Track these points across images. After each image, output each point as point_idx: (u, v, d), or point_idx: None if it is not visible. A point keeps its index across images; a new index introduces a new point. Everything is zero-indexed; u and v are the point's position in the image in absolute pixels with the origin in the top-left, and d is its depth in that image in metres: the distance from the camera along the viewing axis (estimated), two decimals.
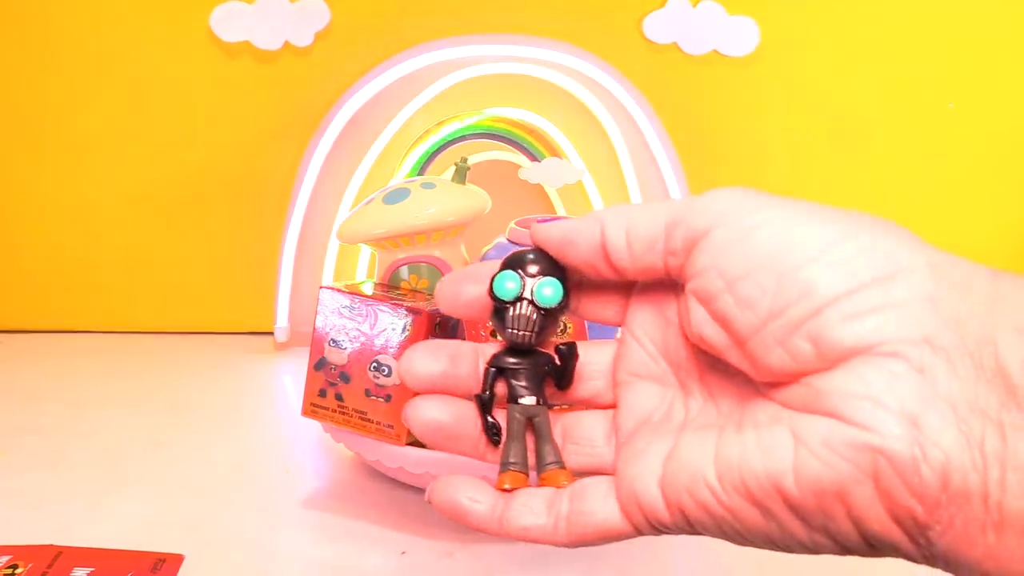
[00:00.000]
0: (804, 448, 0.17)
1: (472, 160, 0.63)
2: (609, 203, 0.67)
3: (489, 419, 0.22)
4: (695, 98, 0.68)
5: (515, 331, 0.22)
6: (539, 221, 0.23)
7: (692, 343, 0.21)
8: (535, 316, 0.22)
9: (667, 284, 0.23)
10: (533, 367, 0.22)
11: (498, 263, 0.23)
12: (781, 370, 0.18)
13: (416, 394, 0.22)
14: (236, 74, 0.66)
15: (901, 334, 0.16)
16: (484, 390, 0.22)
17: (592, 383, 0.23)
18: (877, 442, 0.16)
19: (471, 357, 0.23)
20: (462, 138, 0.62)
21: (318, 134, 0.65)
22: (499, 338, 0.23)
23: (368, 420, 0.42)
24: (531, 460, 0.22)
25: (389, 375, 0.41)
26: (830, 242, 0.17)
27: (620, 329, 0.24)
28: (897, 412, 0.16)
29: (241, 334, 0.69)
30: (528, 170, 0.62)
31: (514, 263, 0.22)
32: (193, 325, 0.70)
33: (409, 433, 0.42)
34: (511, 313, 0.22)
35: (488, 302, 0.22)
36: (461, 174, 0.49)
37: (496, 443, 0.22)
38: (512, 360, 0.22)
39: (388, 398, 0.41)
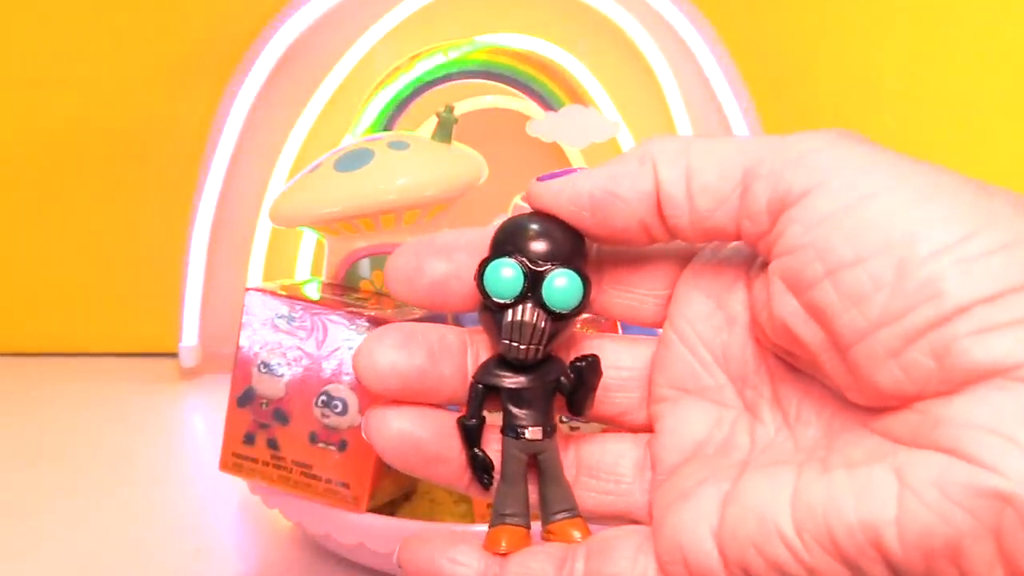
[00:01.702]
0: (911, 493, 0.18)
1: (460, 109, 0.64)
2: None
3: (476, 453, 0.23)
4: (776, 23, 0.68)
5: (515, 344, 0.22)
6: (541, 178, 0.23)
7: (766, 347, 0.22)
8: (544, 324, 0.22)
9: (731, 262, 0.23)
10: (538, 386, 0.22)
11: (483, 233, 0.23)
12: (891, 390, 0.18)
13: (380, 399, 0.23)
14: None
15: None
16: (470, 415, 0.23)
17: (620, 396, 0.24)
18: (1006, 488, 0.17)
19: (458, 350, 0.23)
20: (446, 78, 0.62)
21: (240, 74, 0.66)
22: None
23: (314, 477, 0.42)
24: (533, 503, 0.23)
25: (343, 412, 0.42)
26: (966, 231, 0.18)
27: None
28: None
29: (132, 356, 0.70)
30: (540, 123, 0.61)
31: (512, 242, 0.22)
32: (63, 344, 0.70)
33: (373, 494, 0.42)
34: (510, 319, 0.22)
35: (469, 287, 0.23)
36: (445, 129, 0.49)
37: (486, 486, 0.23)
38: (509, 378, 0.22)
39: (342, 446, 0.42)
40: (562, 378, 0.23)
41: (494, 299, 0.22)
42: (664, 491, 0.22)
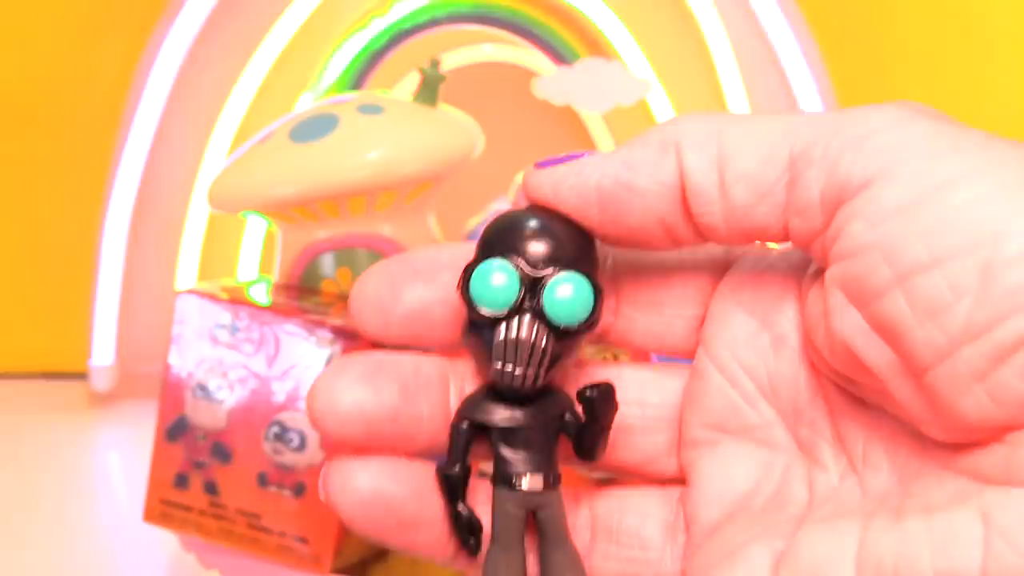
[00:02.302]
0: (1000, 540, 0.18)
1: (448, 64, 0.63)
2: None
3: (460, 511, 0.23)
4: None
5: (509, 368, 0.22)
6: (540, 164, 0.23)
7: (823, 373, 0.22)
8: (545, 342, 0.22)
9: (777, 271, 0.23)
10: (538, 423, 0.23)
11: (471, 247, 0.23)
12: (977, 420, 0.19)
13: (341, 449, 0.23)
14: None
15: None
16: (451, 463, 0.23)
17: (643, 440, 0.24)
18: None
19: (438, 383, 0.23)
20: (431, 23, 0.62)
21: (167, 19, 0.66)
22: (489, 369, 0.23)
23: (263, 530, 0.42)
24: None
25: (301, 448, 0.42)
26: None
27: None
28: None
29: (29, 377, 0.70)
30: (549, 81, 0.61)
31: (504, 241, 0.22)
32: None
33: (338, 551, 0.42)
34: (502, 336, 0.22)
35: (458, 314, 0.23)
36: (429, 89, 0.49)
37: (472, 551, 0.23)
38: (502, 413, 0.23)
39: (299, 490, 0.42)
40: (567, 414, 0.23)
41: (483, 311, 0.22)
42: (702, 555, 0.22)
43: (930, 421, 0.20)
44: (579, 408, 0.22)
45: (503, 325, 0.22)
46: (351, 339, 0.41)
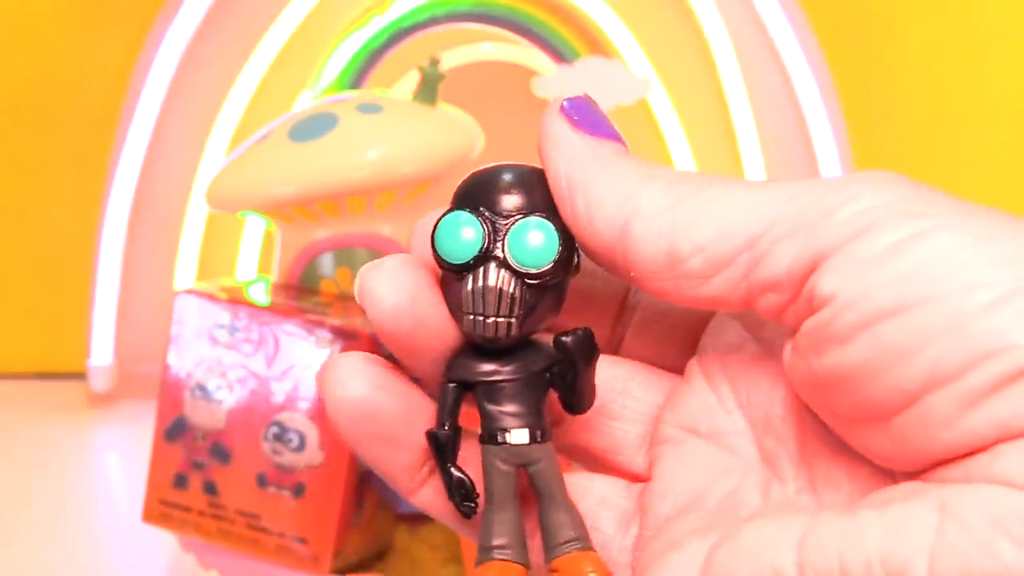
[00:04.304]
0: (954, 525, 0.18)
1: (448, 62, 0.63)
2: (698, 144, 0.68)
3: (452, 471, 0.23)
4: None
5: (479, 317, 0.22)
6: (569, 110, 0.23)
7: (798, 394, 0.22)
8: (513, 288, 0.22)
9: None
10: (520, 376, 0.23)
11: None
12: (944, 454, 0.19)
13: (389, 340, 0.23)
14: None
15: None
16: (441, 423, 0.23)
17: (616, 427, 0.25)
18: None
19: None
20: (430, 22, 0.62)
21: (164, 19, 0.66)
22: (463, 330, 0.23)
23: (263, 530, 0.42)
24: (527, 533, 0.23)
25: (300, 448, 0.42)
26: None
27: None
28: None
29: (28, 377, 0.70)
30: (550, 79, 0.62)
31: (470, 194, 0.23)
32: None
33: (337, 552, 0.42)
34: (469, 286, 0.22)
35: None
36: (429, 87, 0.49)
37: (467, 514, 0.23)
38: (484, 367, 0.23)
39: (299, 490, 0.42)
40: (554, 368, 0.23)
41: (449, 262, 0.22)
42: (650, 547, 0.22)
43: (895, 460, 0.20)
44: (561, 357, 0.22)
45: (470, 276, 0.22)
46: (350, 339, 0.41)
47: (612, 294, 0.26)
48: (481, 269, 0.22)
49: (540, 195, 0.22)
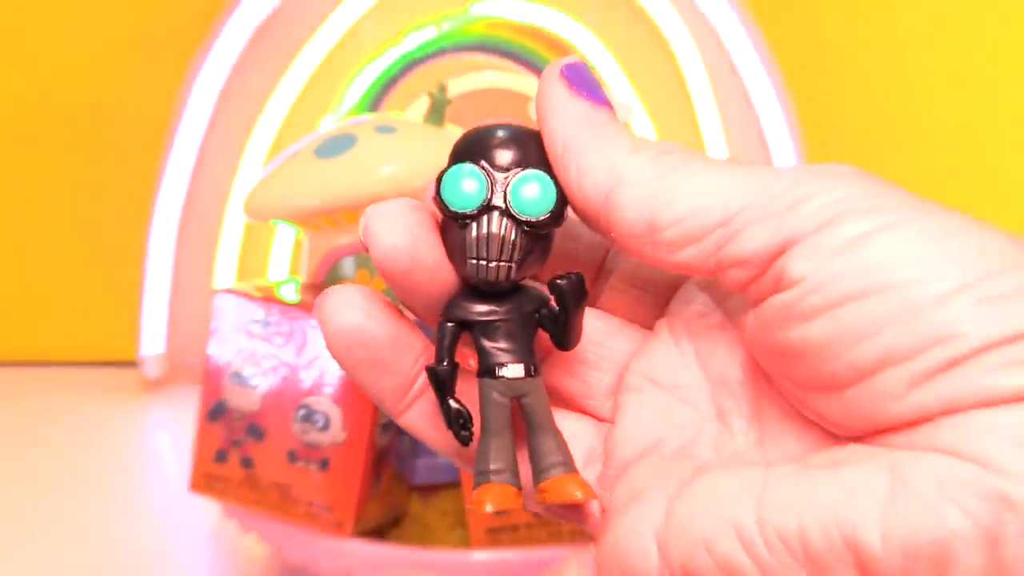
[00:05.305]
0: (905, 489, 0.19)
1: (455, 89, 0.66)
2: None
3: (451, 404, 0.23)
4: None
5: (482, 261, 0.22)
6: (568, 73, 0.23)
7: (755, 358, 0.23)
8: (514, 235, 0.22)
9: None
10: (515, 317, 0.23)
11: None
12: (890, 423, 0.20)
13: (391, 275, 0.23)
14: None
15: None
16: (440, 359, 0.23)
17: (591, 374, 0.25)
18: (1011, 491, 0.18)
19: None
20: (439, 53, 0.65)
21: (207, 48, 0.68)
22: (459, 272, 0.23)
23: (293, 499, 0.45)
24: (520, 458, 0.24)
25: (325, 428, 0.44)
26: (988, 270, 0.19)
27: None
28: None
29: (88, 365, 0.72)
30: None
31: (473, 149, 0.23)
32: (8, 352, 0.73)
33: (358, 518, 0.45)
34: (474, 233, 0.22)
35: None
36: (438, 111, 0.52)
37: (465, 442, 0.23)
38: (481, 308, 0.23)
39: (324, 464, 0.44)
40: (543, 309, 0.23)
41: (455, 211, 0.22)
42: (619, 492, 0.23)
43: (844, 425, 0.21)
44: (553, 302, 0.23)
45: (474, 223, 0.22)
46: None
47: (592, 258, 0.26)
48: (485, 217, 0.22)
49: (535, 152, 0.23)
